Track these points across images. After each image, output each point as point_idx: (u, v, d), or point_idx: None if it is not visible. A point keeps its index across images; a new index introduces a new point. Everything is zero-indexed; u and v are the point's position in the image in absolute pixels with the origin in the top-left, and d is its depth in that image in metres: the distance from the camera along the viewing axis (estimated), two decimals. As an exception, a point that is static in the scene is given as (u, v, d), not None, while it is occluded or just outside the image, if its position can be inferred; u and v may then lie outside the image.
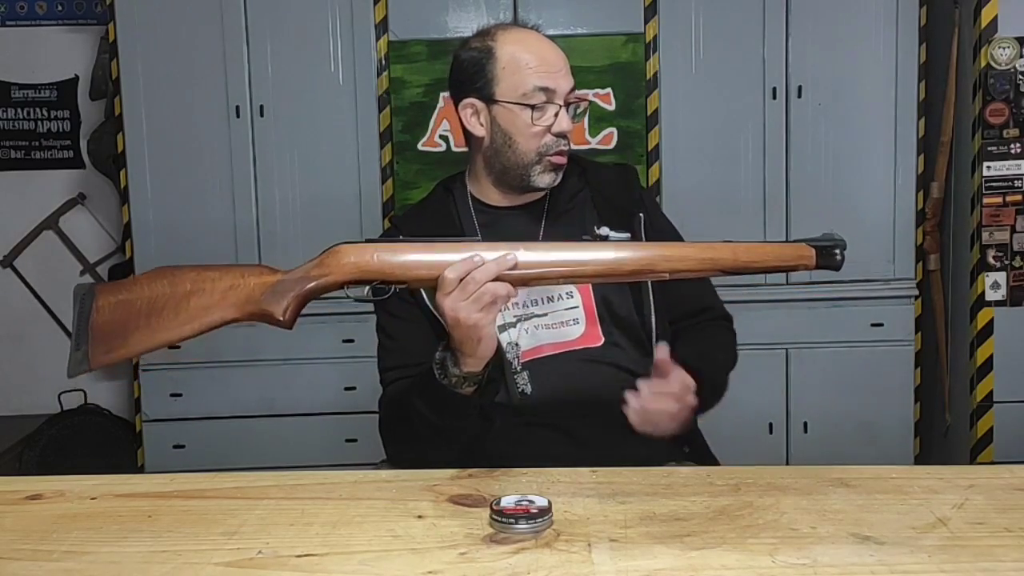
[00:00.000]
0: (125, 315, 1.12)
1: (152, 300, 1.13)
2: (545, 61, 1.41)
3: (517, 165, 1.43)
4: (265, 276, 1.17)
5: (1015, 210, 2.85)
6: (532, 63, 1.40)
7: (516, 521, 1.01)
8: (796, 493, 1.12)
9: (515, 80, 1.40)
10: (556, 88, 1.40)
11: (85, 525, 1.08)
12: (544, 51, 1.42)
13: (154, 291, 1.13)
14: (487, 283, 1.14)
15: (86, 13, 3.54)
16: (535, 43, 1.43)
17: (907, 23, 2.97)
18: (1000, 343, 2.87)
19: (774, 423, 3.06)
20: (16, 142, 3.62)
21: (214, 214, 3.05)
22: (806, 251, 1.18)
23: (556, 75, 1.40)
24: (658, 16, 2.98)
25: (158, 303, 1.12)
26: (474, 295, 1.14)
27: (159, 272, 1.15)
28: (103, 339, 1.11)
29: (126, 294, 1.13)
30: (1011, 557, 0.94)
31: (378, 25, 3.01)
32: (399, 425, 1.40)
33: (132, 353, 1.13)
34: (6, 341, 3.65)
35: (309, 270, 1.17)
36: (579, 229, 1.49)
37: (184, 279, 1.14)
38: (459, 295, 1.15)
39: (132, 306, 1.12)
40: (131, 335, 1.11)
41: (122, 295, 1.13)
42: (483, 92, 1.43)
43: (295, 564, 0.96)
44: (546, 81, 1.40)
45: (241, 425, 3.07)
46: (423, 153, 3.03)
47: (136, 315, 1.12)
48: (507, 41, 1.43)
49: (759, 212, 3.04)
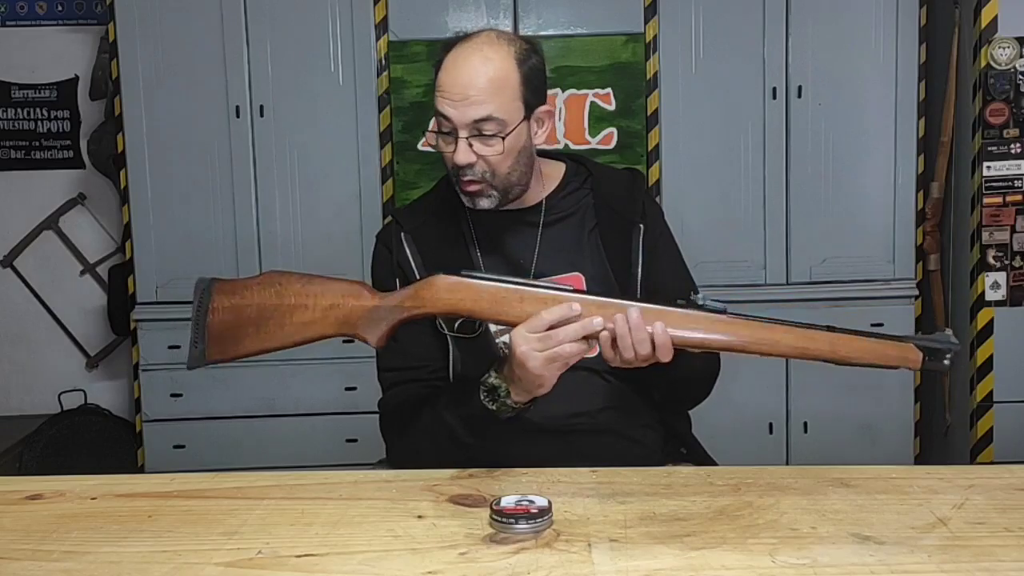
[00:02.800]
0: (237, 319, 1.21)
1: (261, 308, 1.21)
2: (451, 88, 1.33)
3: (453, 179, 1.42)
4: (364, 300, 1.24)
5: (1015, 210, 2.85)
6: (441, 87, 1.35)
7: (516, 521, 1.01)
8: (796, 493, 1.12)
9: (435, 100, 1.37)
10: (454, 117, 1.33)
11: (85, 525, 1.08)
12: (460, 76, 1.33)
13: (264, 299, 1.22)
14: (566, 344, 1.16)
15: (86, 13, 3.54)
16: (460, 65, 1.34)
17: (907, 23, 2.97)
18: (1000, 343, 2.87)
19: (774, 423, 3.06)
20: (16, 142, 3.62)
21: (214, 214, 3.05)
22: (913, 354, 1.11)
23: (459, 103, 1.32)
24: (658, 16, 2.98)
25: (266, 312, 1.21)
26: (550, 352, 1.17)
27: (269, 278, 1.23)
28: (218, 339, 1.21)
29: (239, 299, 1.22)
30: (1011, 557, 0.94)
31: (378, 25, 3.01)
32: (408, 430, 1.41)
33: (242, 355, 1.22)
34: (6, 341, 3.65)
35: (404, 300, 1.23)
36: (576, 236, 1.48)
37: (290, 291, 1.22)
38: (538, 344, 1.17)
39: (243, 312, 1.21)
40: (242, 340, 1.21)
41: (236, 298, 1.22)
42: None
43: (295, 564, 0.96)
44: (446, 109, 1.33)
45: (241, 425, 3.07)
46: (423, 153, 3.03)
47: (247, 321, 1.21)
48: (450, 56, 1.37)
49: (759, 212, 3.04)
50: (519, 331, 1.18)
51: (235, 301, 1.21)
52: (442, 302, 1.21)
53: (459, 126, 1.33)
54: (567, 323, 1.17)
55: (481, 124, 1.33)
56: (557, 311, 1.16)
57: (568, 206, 1.50)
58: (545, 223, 1.48)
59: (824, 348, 1.13)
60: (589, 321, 1.16)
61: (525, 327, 1.18)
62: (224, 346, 1.21)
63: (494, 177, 1.37)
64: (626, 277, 1.44)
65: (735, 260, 3.03)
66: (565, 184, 1.51)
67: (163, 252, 3.05)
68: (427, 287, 1.21)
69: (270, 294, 1.21)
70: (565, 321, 1.17)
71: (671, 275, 1.49)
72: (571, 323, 1.16)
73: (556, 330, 1.16)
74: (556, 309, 1.16)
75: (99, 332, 3.61)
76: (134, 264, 3.07)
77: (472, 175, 1.36)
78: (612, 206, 1.50)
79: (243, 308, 1.21)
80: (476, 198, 1.39)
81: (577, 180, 1.52)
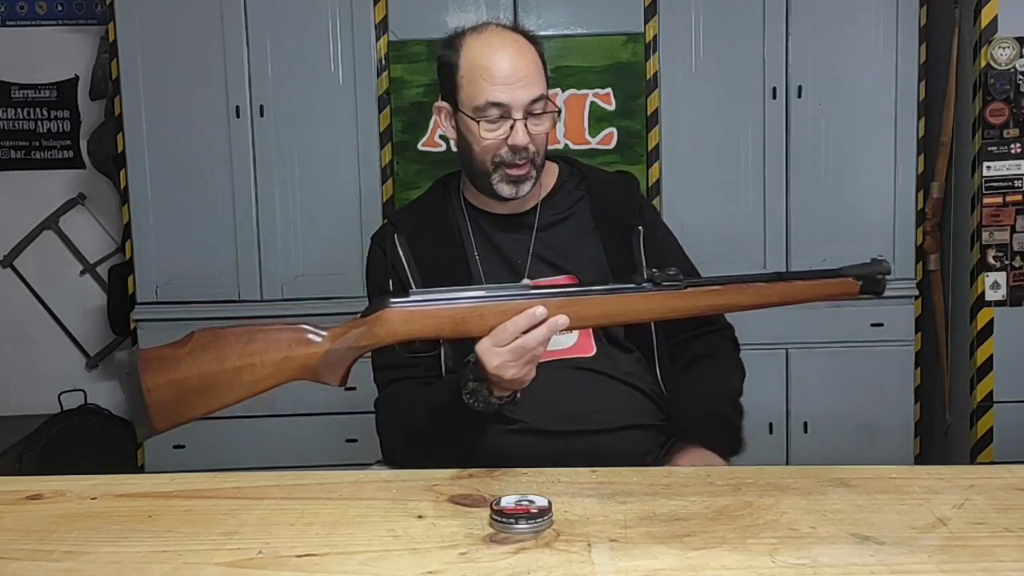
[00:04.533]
0: (178, 393, 1.13)
1: (203, 378, 1.14)
2: (501, 73, 1.36)
3: (478, 172, 1.42)
4: (312, 347, 1.17)
5: (1015, 210, 2.85)
6: (487, 75, 1.36)
7: (516, 521, 1.01)
8: (796, 493, 1.12)
9: (471, 91, 1.38)
10: (511, 103, 1.36)
11: (85, 525, 1.08)
12: (503, 61, 1.37)
13: (202, 368, 1.14)
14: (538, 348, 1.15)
15: (86, 13, 3.54)
16: (497, 51, 1.38)
17: (907, 23, 2.97)
18: (1000, 343, 2.87)
19: (774, 423, 3.06)
20: (16, 142, 3.62)
21: (214, 214, 3.05)
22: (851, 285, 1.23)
23: (512, 87, 1.36)
24: (658, 16, 2.98)
25: (208, 380, 1.14)
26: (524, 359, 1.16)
27: (202, 342, 1.15)
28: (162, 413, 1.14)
29: (173, 374, 1.13)
30: (1011, 557, 0.94)
31: (378, 25, 3.00)
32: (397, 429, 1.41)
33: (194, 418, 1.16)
34: (6, 341, 3.65)
35: (358, 339, 1.18)
36: (573, 239, 1.49)
37: (231, 352, 1.15)
38: (509, 356, 1.15)
39: (184, 385, 1.14)
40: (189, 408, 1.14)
41: (170, 374, 1.13)
42: (450, 98, 1.43)
43: (295, 564, 0.96)
44: (499, 96, 1.36)
45: (241, 425, 3.06)
46: (423, 153, 3.03)
47: (189, 394, 1.14)
48: (471, 47, 1.40)
49: (759, 212, 3.04)
50: (487, 347, 1.16)
51: (170, 377, 1.13)
52: (400, 334, 1.17)
53: (515, 108, 1.36)
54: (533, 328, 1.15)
55: (534, 104, 1.37)
56: (522, 321, 1.15)
57: (564, 208, 1.51)
58: (540, 225, 1.48)
59: (775, 297, 1.19)
60: (555, 322, 1.15)
61: (491, 341, 1.16)
62: (172, 417, 1.14)
63: (538, 157, 1.41)
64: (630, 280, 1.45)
65: (735, 260, 3.03)
66: (560, 185, 1.52)
67: (163, 252, 3.05)
68: (379, 322, 1.17)
69: (208, 361, 1.14)
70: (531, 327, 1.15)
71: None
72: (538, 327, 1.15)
73: (524, 338, 1.15)
74: (520, 319, 1.15)
75: (99, 332, 3.61)
76: (134, 264, 3.07)
77: (526, 156, 1.39)
78: (609, 209, 1.50)
79: (181, 382, 1.13)
80: (521, 183, 1.41)
81: (572, 182, 1.53)
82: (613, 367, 1.44)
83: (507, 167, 1.40)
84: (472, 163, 1.42)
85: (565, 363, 1.42)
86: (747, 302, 1.19)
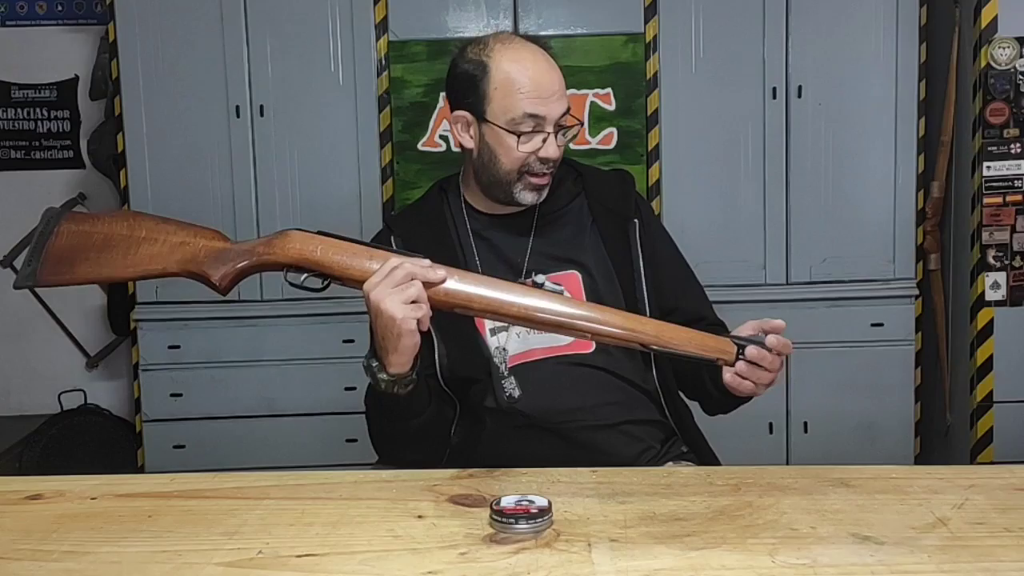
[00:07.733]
0: (80, 245, 1.17)
1: (108, 237, 1.17)
2: (539, 86, 1.37)
3: (500, 181, 1.43)
4: (216, 242, 1.21)
5: (1015, 210, 2.85)
6: (525, 87, 1.37)
7: (516, 521, 1.01)
8: (796, 493, 1.12)
9: (506, 103, 1.37)
10: (547, 115, 1.37)
11: (85, 525, 1.08)
12: (540, 74, 1.38)
13: (113, 229, 1.18)
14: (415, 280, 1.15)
15: (86, 13, 3.54)
16: (531, 63, 1.38)
17: (907, 23, 2.97)
18: (1000, 343, 2.87)
19: (774, 423, 3.06)
20: (16, 142, 3.62)
21: (214, 214, 3.04)
22: (729, 347, 1.20)
23: (548, 100, 1.37)
24: (658, 16, 2.98)
25: (112, 241, 1.17)
26: (400, 285, 1.15)
27: (125, 214, 1.21)
28: (54, 262, 1.16)
29: (88, 226, 1.18)
30: (1011, 557, 0.94)
31: (378, 25, 3.01)
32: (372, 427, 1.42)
33: (76, 281, 1.18)
34: (6, 341, 3.65)
35: (256, 246, 1.20)
36: (574, 234, 1.50)
37: (143, 226, 1.19)
38: (386, 283, 1.15)
39: (89, 238, 1.17)
40: (79, 265, 1.16)
41: (84, 226, 1.18)
42: (475, 108, 1.41)
43: (295, 564, 0.96)
44: (537, 108, 1.37)
45: (241, 425, 3.07)
46: (423, 153, 3.03)
47: (89, 247, 1.17)
48: (503, 58, 1.39)
49: (759, 212, 3.04)
50: (368, 281, 1.16)
51: (83, 228, 1.17)
52: (293, 251, 1.18)
53: (548, 122, 1.38)
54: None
55: (563, 117, 1.40)
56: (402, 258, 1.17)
57: (562, 205, 1.52)
58: (539, 224, 1.49)
59: (650, 332, 1.17)
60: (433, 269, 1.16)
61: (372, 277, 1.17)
62: (59, 269, 1.16)
63: (557, 168, 1.45)
64: (628, 272, 1.47)
65: (735, 260, 3.03)
66: (559, 183, 1.52)
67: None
68: (281, 237, 1.19)
69: (122, 226, 1.18)
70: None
71: (672, 266, 1.54)
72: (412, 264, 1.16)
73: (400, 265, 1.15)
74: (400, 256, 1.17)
75: (99, 332, 3.61)
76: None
77: (553, 167, 1.42)
78: (607, 204, 1.51)
79: (90, 234, 1.17)
80: (542, 191, 1.44)
81: (569, 179, 1.54)
82: (612, 363, 1.44)
83: (531, 176, 1.41)
84: (496, 173, 1.42)
85: (564, 359, 1.43)
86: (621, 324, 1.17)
